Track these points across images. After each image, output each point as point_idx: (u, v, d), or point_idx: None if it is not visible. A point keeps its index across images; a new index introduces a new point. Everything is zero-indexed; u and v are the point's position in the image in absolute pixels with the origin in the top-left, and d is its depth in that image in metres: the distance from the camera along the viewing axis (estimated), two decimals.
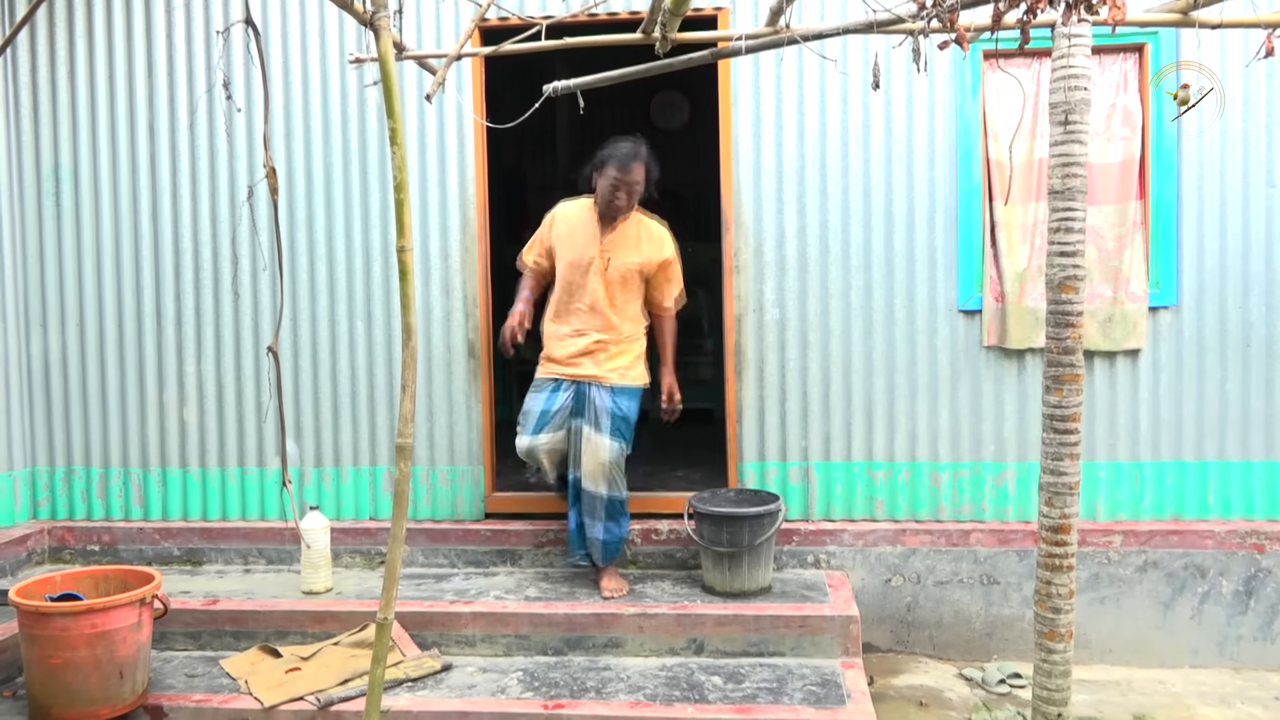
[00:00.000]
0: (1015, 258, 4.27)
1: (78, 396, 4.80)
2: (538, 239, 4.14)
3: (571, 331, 4.02)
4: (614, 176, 3.90)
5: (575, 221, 4.04)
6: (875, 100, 4.32)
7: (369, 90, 4.55)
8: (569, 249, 4.01)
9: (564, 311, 4.04)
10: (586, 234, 4.00)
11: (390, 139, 2.88)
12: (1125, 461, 4.29)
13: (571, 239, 4.01)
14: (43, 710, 3.40)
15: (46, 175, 4.75)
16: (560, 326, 4.05)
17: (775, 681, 3.64)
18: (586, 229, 4.01)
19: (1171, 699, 3.86)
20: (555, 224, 4.08)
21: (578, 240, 4.00)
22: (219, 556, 4.66)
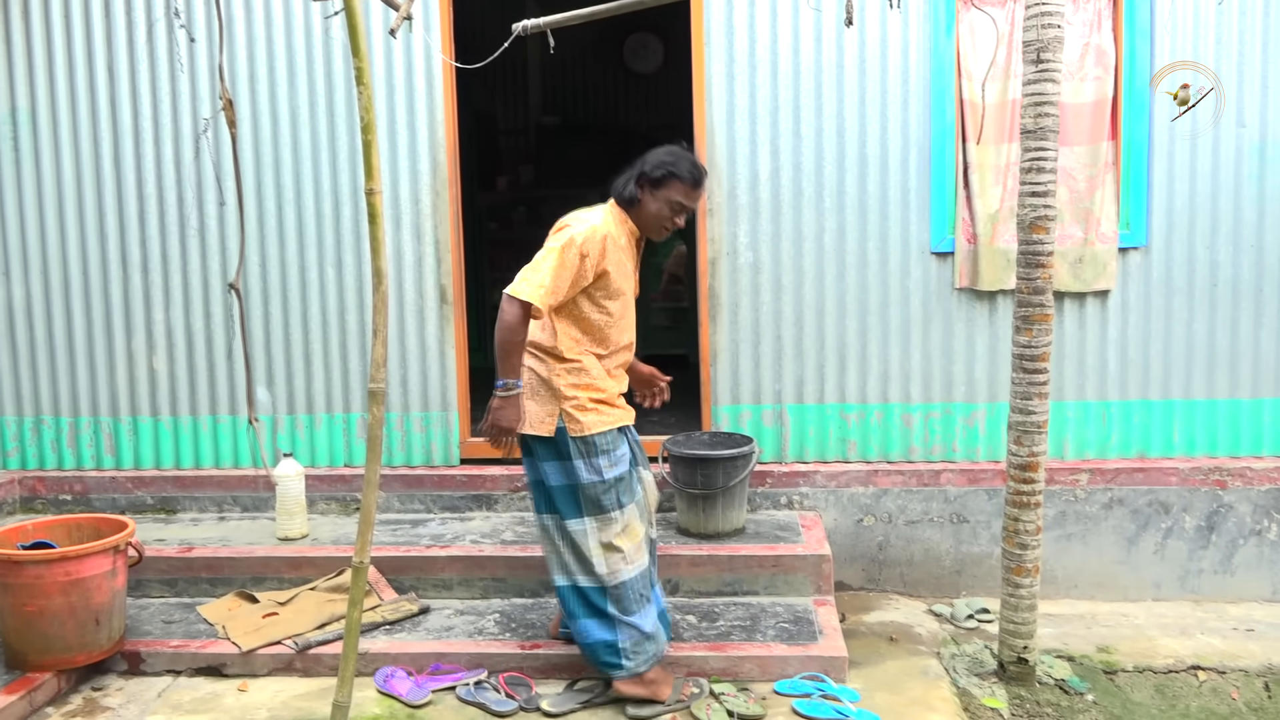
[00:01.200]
0: (988, 199, 4.28)
1: (44, 346, 4.73)
2: (573, 272, 3.03)
3: (614, 366, 3.27)
4: (678, 201, 3.14)
5: (620, 244, 3.17)
6: (849, 39, 4.28)
7: (334, 29, 4.44)
8: (622, 278, 3.16)
9: (605, 345, 3.21)
10: (630, 257, 3.23)
11: (356, 79, 2.83)
12: (1093, 401, 4.35)
13: (622, 266, 3.16)
14: (19, 658, 3.40)
15: (4, 119, 4.63)
16: (600, 365, 3.20)
17: (749, 619, 3.70)
18: (629, 252, 3.22)
19: (1134, 631, 3.97)
20: (608, 249, 3.08)
21: (626, 266, 3.19)
22: (193, 505, 4.65)
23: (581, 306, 3.13)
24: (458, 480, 4.52)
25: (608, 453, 3.14)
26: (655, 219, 3.16)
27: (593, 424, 3.13)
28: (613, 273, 3.10)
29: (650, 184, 3.12)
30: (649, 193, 3.13)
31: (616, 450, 3.17)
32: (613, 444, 3.17)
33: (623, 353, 3.27)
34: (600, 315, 3.16)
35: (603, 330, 3.17)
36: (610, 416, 3.19)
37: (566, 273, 3.01)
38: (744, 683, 3.39)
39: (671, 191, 3.12)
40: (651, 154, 3.14)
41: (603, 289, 3.12)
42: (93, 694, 3.47)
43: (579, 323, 3.15)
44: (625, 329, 3.26)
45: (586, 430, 3.12)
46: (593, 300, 3.12)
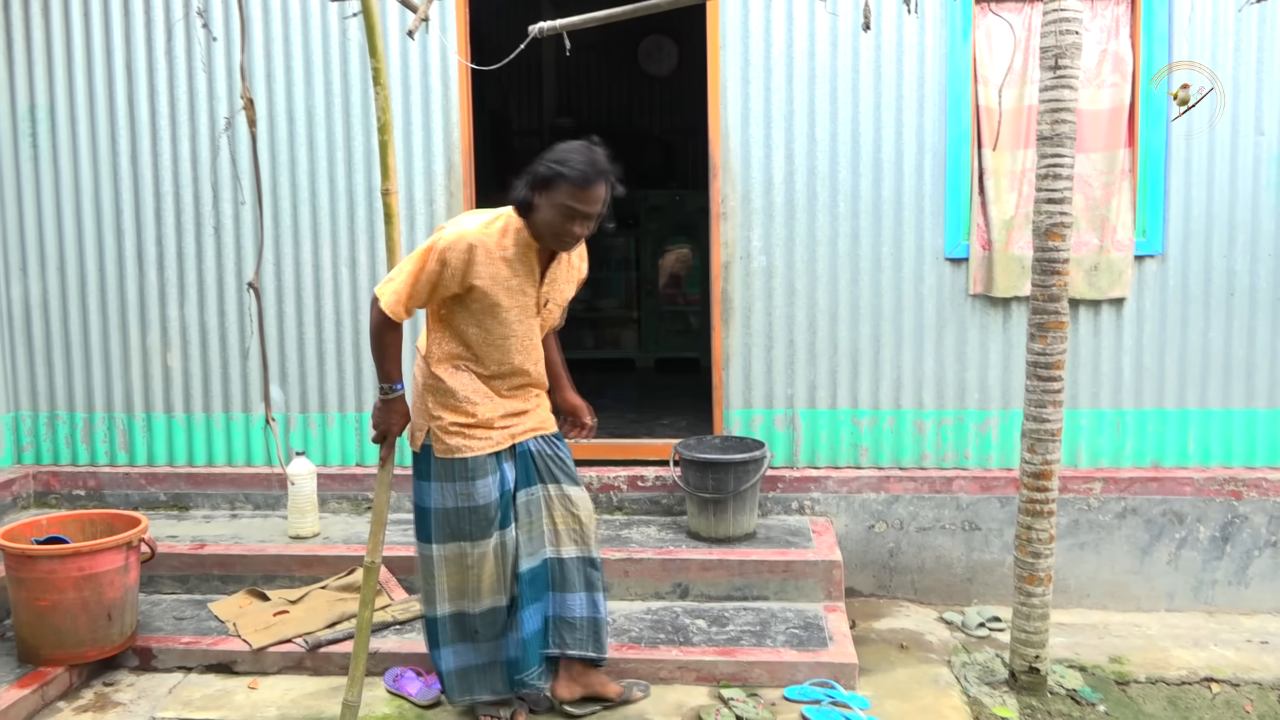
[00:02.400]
0: (1003, 205, 4.26)
1: (60, 341, 4.76)
2: (432, 279, 2.74)
3: (506, 387, 2.96)
4: (567, 204, 2.69)
5: (505, 255, 2.78)
6: (865, 44, 4.27)
7: (351, 31, 4.46)
8: (500, 293, 2.79)
9: (485, 364, 2.91)
10: (523, 271, 2.82)
11: (374, 79, 2.84)
12: (1107, 409, 4.33)
13: (502, 280, 2.79)
14: (32, 652, 3.42)
15: (23, 116, 4.66)
16: (480, 384, 2.91)
17: (759, 624, 3.70)
18: (522, 264, 2.81)
19: (1147, 641, 3.94)
20: (475, 262, 2.73)
21: (512, 281, 2.81)
22: (205, 502, 4.67)
23: (457, 316, 2.85)
24: None
25: (469, 479, 2.86)
26: (549, 227, 2.73)
27: (458, 448, 2.87)
28: (484, 287, 2.74)
29: (539, 186, 2.70)
30: (540, 196, 2.71)
31: (481, 479, 2.87)
32: (477, 470, 2.86)
33: (513, 376, 2.94)
34: (476, 331, 2.85)
35: (479, 348, 2.87)
36: (479, 442, 2.88)
37: (424, 279, 2.74)
38: (753, 688, 3.38)
39: (559, 194, 2.67)
40: (551, 150, 2.74)
41: (477, 303, 2.79)
42: (104, 689, 3.48)
43: (457, 334, 2.88)
44: (512, 351, 2.89)
45: (451, 453, 2.87)
46: (469, 312, 2.82)
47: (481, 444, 2.89)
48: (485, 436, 2.89)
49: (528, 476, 3.00)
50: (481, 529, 2.90)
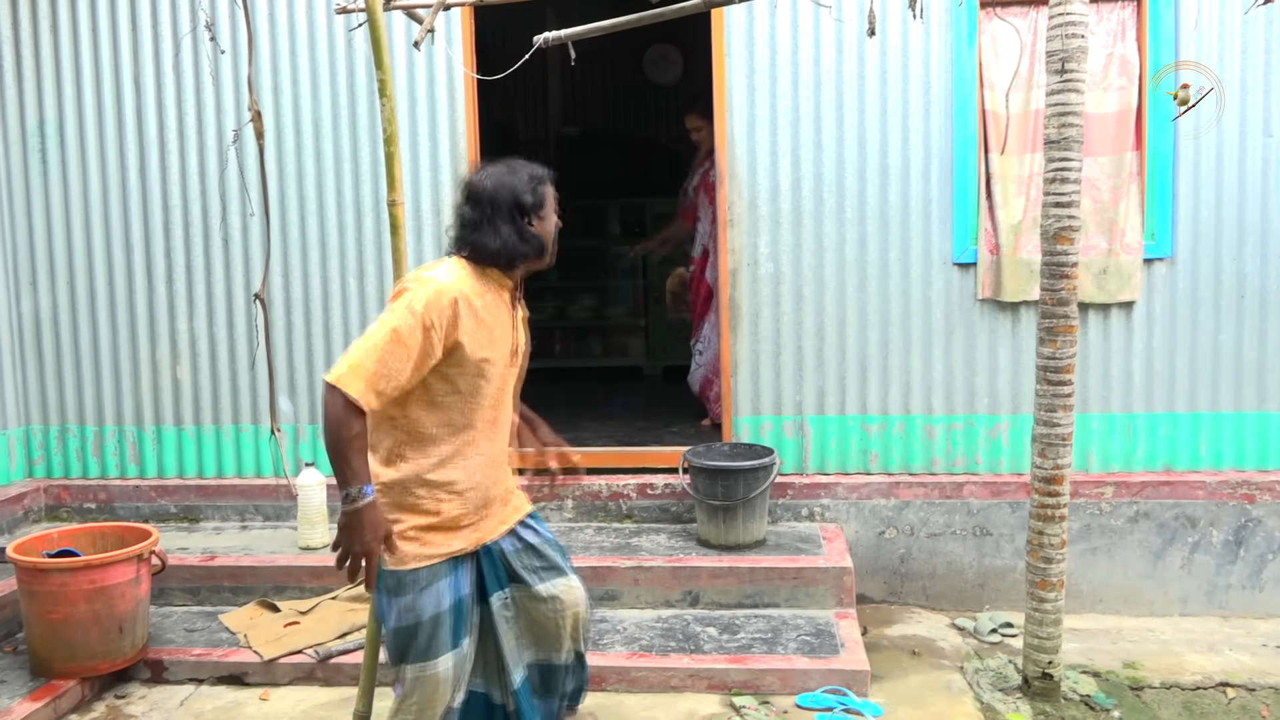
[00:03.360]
0: (1010, 210, 4.25)
1: (70, 355, 4.78)
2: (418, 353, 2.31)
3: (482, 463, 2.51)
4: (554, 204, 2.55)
5: (486, 302, 2.43)
6: (870, 49, 4.27)
7: (358, 43, 4.48)
8: (486, 345, 2.42)
9: (456, 440, 2.46)
10: (501, 316, 2.48)
11: (379, 91, 2.85)
12: (1118, 413, 4.31)
13: (484, 331, 2.42)
14: (44, 665, 3.43)
15: (32, 131, 4.69)
16: (448, 470, 2.45)
17: (770, 632, 3.68)
18: (500, 308, 2.47)
19: (1161, 646, 3.91)
20: (461, 315, 2.35)
21: (495, 331, 2.45)
22: (215, 513, 4.68)
23: (418, 390, 2.40)
24: None
25: (414, 591, 2.41)
26: (554, 234, 2.56)
27: (409, 556, 2.42)
28: (467, 343, 2.36)
29: (538, 208, 2.46)
30: (538, 219, 2.47)
31: (430, 586, 2.42)
32: (428, 579, 2.43)
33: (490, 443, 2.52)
34: (450, 397, 2.42)
35: (451, 417, 2.43)
36: (435, 549, 2.43)
37: (404, 354, 2.28)
38: (765, 696, 3.37)
39: (548, 202, 2.51)
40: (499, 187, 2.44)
41: (456, 365, 2.38)
42: (116, 701, 3.49)
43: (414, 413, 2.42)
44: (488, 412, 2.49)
45: (400, 563, 2.42)
46: (440, 378, 2.40)
47: (439, 550, 2.43)
48: (445, 542, 2.45)
49: (498, 579, 2.58)
50: (433, 646, 2.44)
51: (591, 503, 4.46)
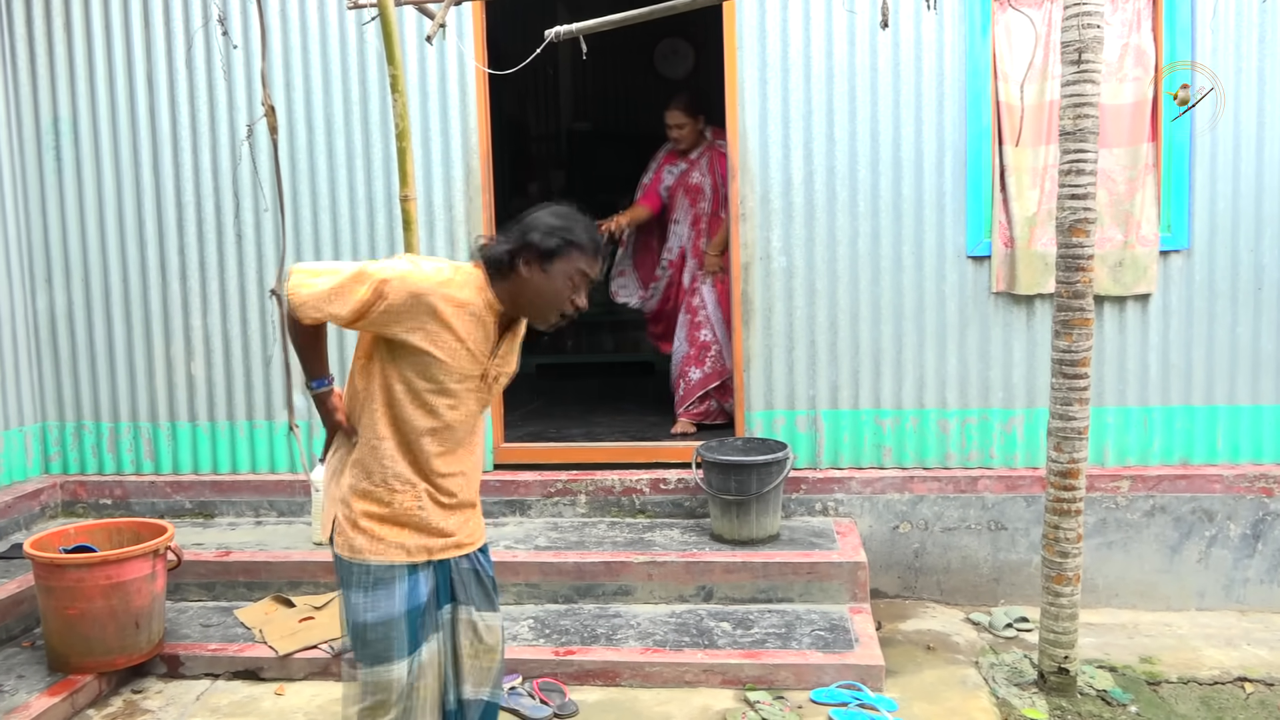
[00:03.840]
0: (1025, 202, 4.22)
1: (85, 352, 4.80)
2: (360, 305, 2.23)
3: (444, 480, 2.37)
4: (583, 271, 2.33)
5: (468, 316, 2.29)
6: (883, 42, 4.24)
7: (370, 39, 4.48)
8: (450, 353, 2.27)
9: (416, 439, 2.32)
10: (479, 337, 2.32)
11: (391, 86, 2.85)
12: (1134, 406, 4.28)
13: (452, 337, 2.27)
14: (61, 660, 3.45)
15: (46, 129, 4.71)
16: (404, 465, 2.33)
17: (784, 627, 3.68)
18: (478, 329, 2.31)
19: (1178, 641, 3.89)
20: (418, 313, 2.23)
21: (468, 343, 2.29)
22: (230, 509, 4.69)
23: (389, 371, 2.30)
24: (491, 485, 4.53)
25: (367, 587, 2.30)
26: (550, 299, 2.32)
27: (360, 549, 2.30)
28: (422, 346, 2.23)
29: (540, 257, 2.28)
30: (537, 269, 2.28)
31: (386, 585, 2.30)
32: (382, 578, 2.30)
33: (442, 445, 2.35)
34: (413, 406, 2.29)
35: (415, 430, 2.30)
36: (388, 546, 2.30)
37: (350, 300, 2.22)
38: (779, 691, 3.36)
39: (571, 263, 2.30)
40: (534, 218, 2.33)
41: (414, 364, 2.26)
42: (133, 696, 3.51)
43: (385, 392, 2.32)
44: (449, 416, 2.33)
45: (353, 554, 2.31)
46: (408, 387, 2.28)
47: (390, 550, 2.31)
48: (397, 538, 2.32)
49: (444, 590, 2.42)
50: (392, 647, 2.30)
51: (604, 498, 4.46)
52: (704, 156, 4.98)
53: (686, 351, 4.95)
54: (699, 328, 4.93)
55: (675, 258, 5.08)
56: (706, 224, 4.97)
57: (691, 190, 4.99)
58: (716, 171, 4.94)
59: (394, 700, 2.32)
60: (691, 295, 4.99)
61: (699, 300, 4.96)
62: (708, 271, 4.93)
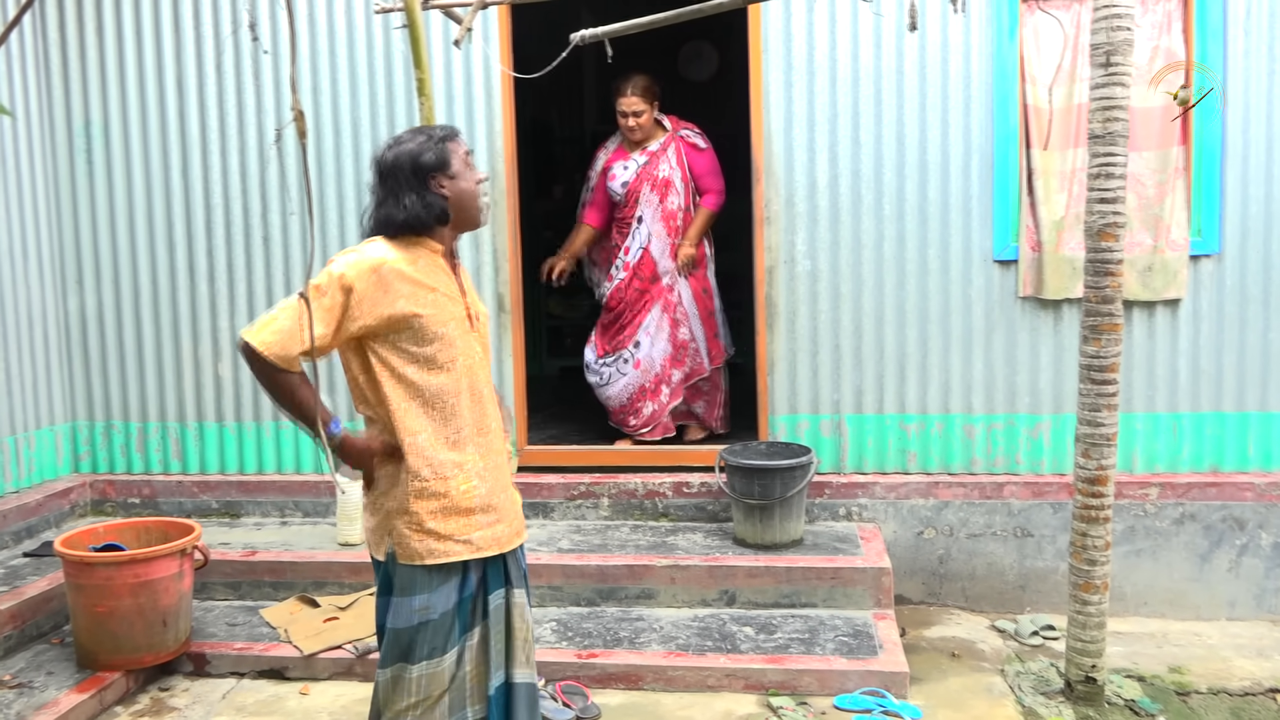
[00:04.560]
0: (1053, 206, 4.19)
1: (115, 352, 4.86)
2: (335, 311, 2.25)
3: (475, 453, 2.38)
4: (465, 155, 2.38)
5: (419, 267, 2.31)
6: (909, 44, 4.22)
7: (396, 43, 4.51)
8: (432, 304, 2.30)
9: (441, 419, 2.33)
10: (442, 282, 2.34)
11: (418, 90, 2.87)
12: (1163, 413, 4.23)
13: (426, 290, 2.30)
14: (89, 657, 3.48)
15: (78, 132, 4.77)
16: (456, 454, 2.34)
17: (807, 632, 3.66)
18: (439, 274, 2.34)
19: (1207, 651, 3.84)
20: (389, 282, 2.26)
21: (439, 291, 2.32)
22: (256, 509, 4.73)
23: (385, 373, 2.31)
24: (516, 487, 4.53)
25: (428, 590, 2.31)
26: (470, 195, 2.36)
27: (426, 552, 2.31)
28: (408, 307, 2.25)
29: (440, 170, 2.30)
30: (446, 181, 2.31)
31: (445, 584, 2.32)
32: (442, 577, 2.32)
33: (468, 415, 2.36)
34: (420, 376, 2.30)
35: (441, 398, 2.32)
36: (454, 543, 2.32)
37: (322, 312, 2.23)
38: (802, 696, 3.35)
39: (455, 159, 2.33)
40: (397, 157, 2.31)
41: (408, 333, 2.27)
42: (160, 694, 3.54)
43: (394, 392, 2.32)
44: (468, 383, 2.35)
45: (415, 558, 2.31)
46: (400, 354, 2.29)
47: (458, 546, 2.31)
48: (460, 531, 2.32)
49: (496, 576, 2.41)
50: (439, 643, 2.32)
51: (627, 501, 4.46)
52: (669, 147, 4.64)
53: (667, 352, 4.64)
54: (677, 326, 4.65)
55: (636, 260, 4.64)
56: (681, 220, 4.63)
57: (660, 185, 4.60)
58: (685, 163, 4.64)
59: (445, 689, 2.34)
60: (668, 293, 4.63)
61: (676, 297, 4.64)
62: (684, 268, 4.62)
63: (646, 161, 4.64)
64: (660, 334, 4.66)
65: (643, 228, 4.64)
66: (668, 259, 4.64)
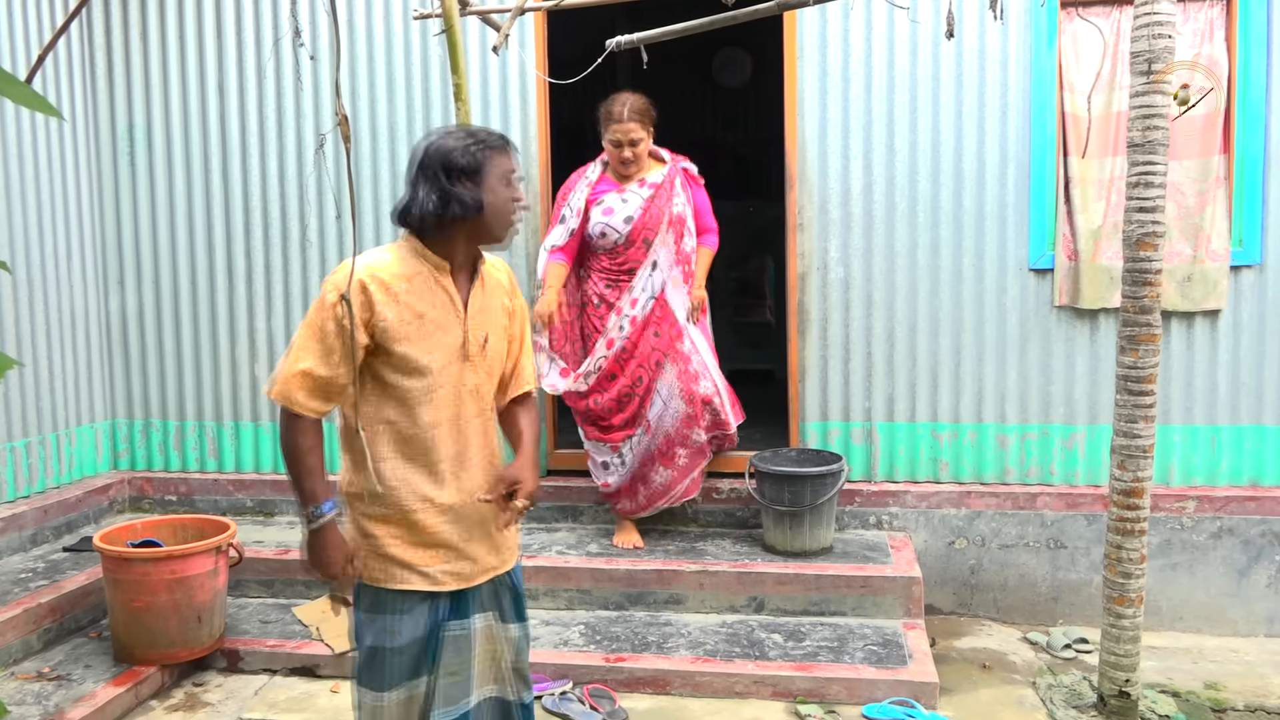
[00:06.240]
0: (1090, 214, 4.15)
1: (154, 352, 4.94)
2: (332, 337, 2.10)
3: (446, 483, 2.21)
4: (508, 170, 2.19)
5: (412, 285, 2.15)
6: (946, 52, 4.20)
7: (433, 48, 4.55)
8: (415, 335, 2.13)
9: (415, 446, 2.19)
10: (439, 302, 2.17)
11: (455, 95, 2.89)
12: (1201, 425, 4.17)
13: (413, 316, 2.14)
14: (126, 651, 3.54)
15: (121, 135, 4.86)
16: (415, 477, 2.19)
17: (836, 640, 3.64)
18: (435, 294, 2.17)
19: (1244, 668, 3.78)
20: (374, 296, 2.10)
21: (428, 317, 2.15)
22: (289, 508, 4.78)
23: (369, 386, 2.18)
24: (545, 491, 4.56)
25: (399, 613, 2.18)
26: (499, 210, 2.17)
27: (386, 577, 2.19)
28: (386, 333, 2.09)
29: (469, 175, 2.13)
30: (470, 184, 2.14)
31: (408, 613, 2.18)
32: (404, 605, 2.18)
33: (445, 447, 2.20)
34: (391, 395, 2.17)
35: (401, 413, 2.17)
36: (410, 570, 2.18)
37: (326, 349, 2.09)
38: (831, 705, 3.33)
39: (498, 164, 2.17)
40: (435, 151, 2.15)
41: (385, 356, 2.13)
42: (194, 689, 3.59)
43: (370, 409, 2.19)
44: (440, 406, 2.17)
45: (377, 581, 2.19)
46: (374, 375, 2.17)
47: (417, 577, 2.18)
48: (422, 561, 2.18)
49: (462, 605, 2.24)
50: (398, 675, 2.19)
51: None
52: (675, 179, 4.11)
53: (684, 412, 4.06)
54: (695, 379, 4.07)
55: (645, 312, 4.05)
56: (695, 262, 4.18)
57: (675, 222, 4.06)
58: (690, 197, 4.17)
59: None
60: (678, 342, 4.07)
61: (688, 346, 4.09)
62: (694, 315, 4.15)
63: (651, 195, 4.04)
64: (671, 389, 4.08)
65: (657, 273, 4.05)
66: (684, 308, 4.12)
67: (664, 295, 4.08)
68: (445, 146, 2.14)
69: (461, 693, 2.23)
